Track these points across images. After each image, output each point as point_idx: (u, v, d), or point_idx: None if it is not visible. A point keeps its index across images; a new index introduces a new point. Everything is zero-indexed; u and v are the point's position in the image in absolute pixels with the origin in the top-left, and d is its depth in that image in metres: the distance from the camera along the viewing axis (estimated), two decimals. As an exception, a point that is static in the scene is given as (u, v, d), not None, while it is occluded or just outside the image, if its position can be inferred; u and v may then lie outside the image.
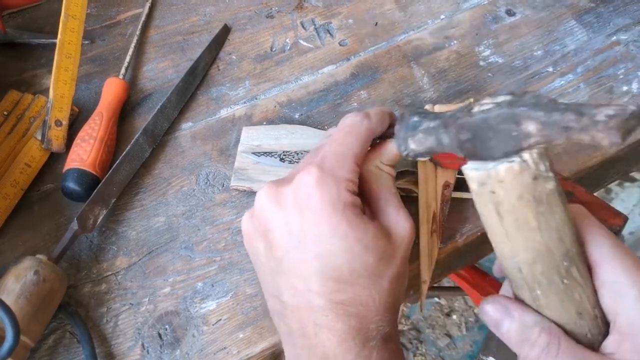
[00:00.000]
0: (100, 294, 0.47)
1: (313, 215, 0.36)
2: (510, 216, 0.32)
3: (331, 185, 0.36)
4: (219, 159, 0.54)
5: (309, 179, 0.36)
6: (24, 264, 0.43)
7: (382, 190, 0.40)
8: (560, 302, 0.34)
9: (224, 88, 0.59)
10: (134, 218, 0.51)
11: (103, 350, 0.45)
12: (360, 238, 0.36)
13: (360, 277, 0.35)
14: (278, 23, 0.64)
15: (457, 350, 1.39)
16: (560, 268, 0.33)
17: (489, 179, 0.32)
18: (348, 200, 0.36)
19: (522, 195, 0.31)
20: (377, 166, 0.40)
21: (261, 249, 0.39)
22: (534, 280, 0.33)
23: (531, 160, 0.31)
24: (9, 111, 0.54)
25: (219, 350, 0.44)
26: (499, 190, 0.31)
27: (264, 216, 0.38)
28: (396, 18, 0.64)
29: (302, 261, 0.36)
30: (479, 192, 0.33)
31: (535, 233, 0.32)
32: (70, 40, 0.54)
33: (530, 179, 0.31)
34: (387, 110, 0.42)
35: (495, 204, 0.32)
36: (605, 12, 0.63)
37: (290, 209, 0.37)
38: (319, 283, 0.35)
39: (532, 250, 0.32)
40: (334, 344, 0.35)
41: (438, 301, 1.46)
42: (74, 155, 0.51)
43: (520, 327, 0.34)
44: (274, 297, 0.39)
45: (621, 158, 0.55)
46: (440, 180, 0.48)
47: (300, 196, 0.36)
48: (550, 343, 0.33)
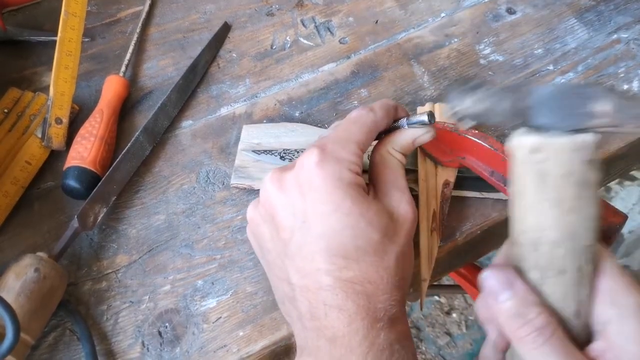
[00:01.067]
0: (100, 292, 0.47)
1: (316, 194, 0.36)
2: (551, 190, 0.32)
3: (333, 165, 0.37)
4: (219, 157, 0.54)
5: (311, 160, 0.37)
6: (25, 262, 0.43)
7: (389, 173, 0.40)
8: (564, 296, 0.33)
9: (224, 86, 0.59)
10: (134, 216, 0.51)
11: (103, 348, 0.45)
12: (364, 214, 0.36)
13: (366, 253, 0.36)
14: (278, 21, 0.64)
15: (457, 348, 1.39)
16: (579, 259, 0.33)
17: (544, 147, 0.31)
18: (351, 178, 0.37)
19: (571, 173, 0.31)
20: (388, 151, 0.41)
21: (267, 234, 0.40)
22: (549, 263, 0.33)
23: (593, 143, 0.31)
24: (9, 109, 0.54)
25: (219, 348, 0.44)
26: (551, 160, 0.31)
27: (268, 201, 0.39)
28: (396, 16, 0.64)
29: (308, 241, 0.36)
30: (526, 158, 0.32)
31: (570, 215, 0.32)
32: (71, 38, 0.54)
33: (584, 160, 0.31)
34: (392, 103, 0.42)
35: (540, 174, 0.32)
36: (606, 11, 0.63)
37: (294, 190, 0.37)
38: (326, 261, 0.36)
39: (560, 229, 0.32)
40: (344, 323, 0.35)
41: (438, 299, 1.46)
42: (75, 153, 0.51)
43: (519, 303, 0.33)
44: (282, 280, 0.39)
45: (621, 157, 0.55)
46: (440, 179, 0.48)
47: (303, 177, 0.37)
48: (546, 327, 0.32)
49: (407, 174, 0.49)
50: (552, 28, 0.62)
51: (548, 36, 0.61)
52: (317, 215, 0.36)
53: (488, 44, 0.61)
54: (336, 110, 0.57)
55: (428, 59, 0.60)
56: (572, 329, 0.34)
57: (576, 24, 0.62)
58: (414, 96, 0.57)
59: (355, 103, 0.57)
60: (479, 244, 0.51)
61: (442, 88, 0.58)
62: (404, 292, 0.39)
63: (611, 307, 0.33)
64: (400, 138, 0.41)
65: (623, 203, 1.42)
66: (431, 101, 0.56)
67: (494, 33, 0.62)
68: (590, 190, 0.32)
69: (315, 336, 0.36)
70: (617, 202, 1.44)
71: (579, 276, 0.33)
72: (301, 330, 0.38)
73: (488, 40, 0.61)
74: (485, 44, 0.61)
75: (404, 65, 0.60)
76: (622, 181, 1.52)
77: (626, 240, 1.42)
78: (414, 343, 1.39)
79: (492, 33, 0.62)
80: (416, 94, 0.58)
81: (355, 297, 0.35)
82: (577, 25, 0.62)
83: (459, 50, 0.61)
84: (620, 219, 0.40)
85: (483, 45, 0.61)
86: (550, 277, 0.33)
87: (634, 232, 1.41)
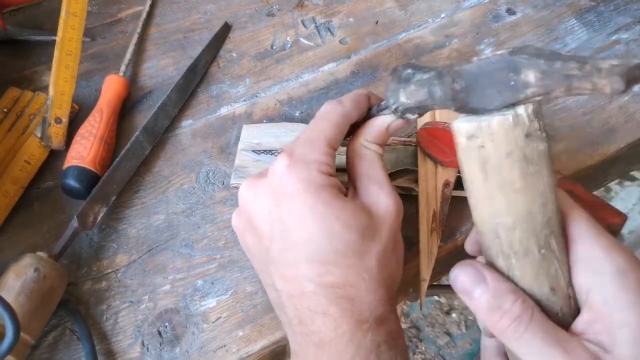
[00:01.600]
0: (100, 292, 0.47)
1: (289, 201, 0.36)
2: (495, 174, 0.31)
3: (302, 169, 0.36)
4: (219, 156, 0.54)
5: (280, 167, 0.36)
6: (24, 262, 0.43)
7: (364, 167, 0.39)
8: (535, 275, 0.32)
9: (224, 86, 0.59)
10: (134, 216, 0.51)
11: (103, 348, 0.45)
12: (338, 216, 0.35)
13: (345, 256, 0.35)
14: (279, 21, 0.64)
15: (457, 348, 1.39)
16: (539, 237, 0.32)
17: (479, 132, 0.30)
18: (321, 180, 0.36)
19: (511, 152, 0.30)
20: (362, 144, 0.39)
21: (250, 242, 0.39)
22: (511, 248, 0.32)
23: (525, 116, 0.29)
24: (8, 108, 0.54)
25: (219, 348, 0.44)
26: (488, 144, 0.30)
27: (246, 209, 0.39)
28: (397, 16, 0.64)
29: (288, 248, 0.36)
30: (466, 146, 0.31)
31: (519, 195, 0.30)
32: (71, 38, 0.54)
33: (522, 135, 0.29)
34: (363, 92, 0.40)
35: (481, 160, 0.31)
36: (605, 11, 0.63)
37: (268, 198, 0.37)
38: (306, 267, 0.35)
39: (513, 213, 0.31)
40: (329, 328, 0.34)
41: (438, 299, 1.46)
42: (74, 152, 0.51)
43: (493, 294, 0.32)
44: (269, 286, 0.39)
45: (621, 157, 0.55)
46: (440, 179, 0.49)
47: (274, 185, 0.37)
48: (523, 313, 0.32)
49: (407, 174, 0.49)
50: (552, 29, 0.62)
51: (548, 37, 0.61)
52: (293, 221, 0.36)
53: (488, 45, 0.61)
54: (336, 110, 0.57)
55: (428, 60, 0.60)
56: (552, 306, 0.33)
57: (576, 25, 0.62)
58: (414, 96, 0.57)
59: (355, 103, 0.57)
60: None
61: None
62: (392, 290, 0.38)
63: (591, 275, 0.32)
64: (372, 128, 0.39)
65: (623, 203, 1.42)
66: (431, 101, 0.56)
67: (494, 33, 0.62)
68: (536, 165, 0.30)
69: (304, 342, 0.36)
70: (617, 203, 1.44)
71: (546, 252, 0.32)
72: (292, 335, 0.38)
73: (488, 41, 0.61)
74: (486, 44, 0.61)
75: (404, 65, 0.60)
76: (622, 181, 1.52)
77: (626, 241, 1.42)
78: (414, 342, 1.39)
79: (492, 33, 0.62)
80: (416, 94, 0.58)
81: (338, 301, 0.35)
82: (577, 25, 0.62)
83: (459, 50, 0.61)
84: (620, 219, 0.40)
85: (483, 46, 0.61)
86: (516, 261, 0.32)
87: (634, 233, 1.41)
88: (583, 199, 0.40)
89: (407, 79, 0.34)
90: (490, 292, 0.32)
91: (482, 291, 0.32)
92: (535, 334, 0.31)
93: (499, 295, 0.32)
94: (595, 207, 0.40)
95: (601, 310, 0.31)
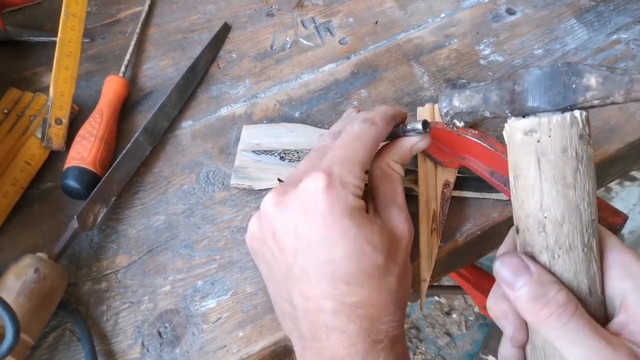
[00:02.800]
0: (100, 292, 0.47)
1: (321, 220, 0.36)
2: (550, 168, 0.33)
3: (340, 191, 0.36)
4: (219, 157, 0.54)
5: (318, 185, 0.36)
6: (24, 262, 0.43)
7: (389, 188, 0.40)
8: (576, 273, 0.33)
9: (224, 86, 0.59)
10: (134, 216, 0.51)
11: (103, 348, 0.45)
12: (368, 238, 0.36)
13: (371, 277, 0.36)
14: (278, 21, 0.64)
15: (457, 349, 1.39)
16: (584, 234, 0.33)
17: (538, 127, 0.32)
18: (355, 204, 0.37)
19: (566, 149, 0.32)
20: (388, 164, 0.41)
21: (269, 253, 0.39)
22: (556, 242, 0.33)
23: (580, 119, 0.32)
24: (9, 109, 0.54)
25: (219, 348, 0.44)
26: (545, 139, 0.32)
27: (270, 221, 0.38)
28: (396, 16, 0.64)
29: (312, 266, 0.36)
30: (523, 141, 0.33)
31: (570, 190, 0.32)
32: (71, 39, 0.54)
33: (577, 135, 0.32)
34: (390, 113, 0.42)
35: (537, 154, 0.33)
36: (605, 11, 0.63)
37: (297, 213, 0.37)
38: (330, 286, 0.35)
39: (563, 206, 0.33)
40: (344, 345, 0.35)
41: (438, 300, 1.46)
42: (74, 153, 0.51)
43: (538, 283, 0.32)
44: (284, 300, 0.39)
45: (621, 157, 0.55)
46: (440, 179, 0.49)
47: (307, 201, 0.37)
48: (569, 302, 0.32)
49: (407, 174, 0.49)
50: (552, 28, 0.62)
51: (548, 37, 0.61)
52: (322, 240, 0.36)
53: (488, 45, 0.61)
54: (336, 110, 0.57)
55: (428, 60, 0.60)
56: (588, 306, 0.34)
57: (576, 25, 0.62)
58: (414, 97, 0.57)
59: (355, 103, 0.57)
60: (479, 245, 0.51)
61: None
62: (404, 311, 0.39)
63: (626, 279, 0.33)
64: (399, 149, 0.41)
65: (623, 203, 1.42)
66: (431, 102, 0.56)
67: (494, 33, 0.62)
68: (586, 166, 0.33)
69: (315, 356, 0.36)
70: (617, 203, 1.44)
71: (588, 251, 0.33)
72: (301, 349, 0.38)
73: (488, 41, 0.61)
74: (485, 44, 0.61)
75: (404, 65, 0.60)
76: (622, 181, 1.52)
77: (626, 241, 1.42)
78: (414, 343, 1.39)
79: (492, 33, 0.62)
80: (416, 94, 0.58)
81: (358, 320, 0.35)
82: (577, 25, 0.62)
83: (458, 50, 0.61)
84: (620, 219, 0.40)
85: (483, 46, 0.61)
86: (560, 256, 0.33)
87: (634, 233, 1.41)
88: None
89: (462, 86, 0.37)
90: (534, 281, 0.33)
91: (524, 282, 0.33)
92: (580, 324, 0.32)
93: (543, 284, 0.33)
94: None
95: (636, 312, 0.32)
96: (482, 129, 0.54)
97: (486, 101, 0.35)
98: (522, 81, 0.33)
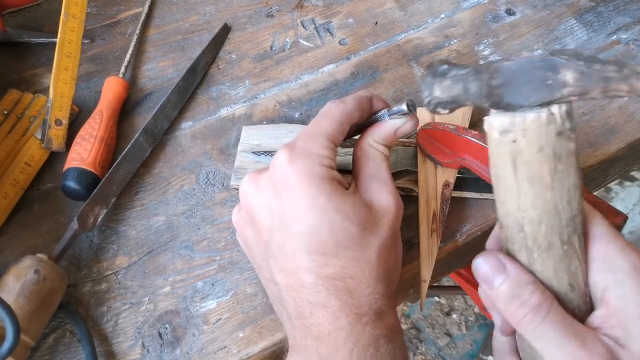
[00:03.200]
0: (100, 293, 0.47)
1: (291, 192, 0.36)
2: (526, 169, 0.32)
3: (304, 161, 0.37)
4: (219, 158, 0.54)
5: (282, 159, 0.37)
6: (24, 263, 0.43)
7: (370, 165, 0.40)
8: (555, 270, 0.33)
9: (224, 87, 0.59)
10: (134, 217, 0.51)
11: (103, 350, 0.45)
12: (339, 208, 0.36)
13: (346, 248, 0.36)
14: (278, 22, 0.64)
15: (457, 349, 1.39)
16: (563, 233, 0.33)
17: (513, 127, 0.31)
18: (323, 173, 0.37)
19: (543, 148, 0.31)
20: (369, 143, 0.41)
21: (250, 236, 0.40)
22: (535, 242, 0.33)
23: (559, 115, 0.31)
24: (9, 110, 0.54)
25: (219, 349, 0.44)
26: (520, 139, 0.31)
27: (246, 203, 0.39)
28: (396, 17, 0.64)
29: (288, 240, 0.36)
30: (499, 140, 0.32)
31: (548, 190, 0.32)
32: (71, 40, 0.54)
33: (554, 133, 0.31)
34: (366, 94, 0.42)
35: (513, 155, 0.32)
36: (605, 11, 0.63)
37: (269, 191, 0.38)
38: (306, 259, 0.36)
39: (540, 208, 0.32)
40: (329, 321, 0.35)
41: (438, 300, 1.46)
42: (74, 154, 0.51)
43: (513, 284, 0.33)
44: (269, 281, 0.39)
45: (620, 157, 0.55)
46: (440, 180, 0.48)
47: (276, 177, 0.37)
48: (542, 304, 0.32)
49: (407, 175, 0.49)
50: (552, 29, 0.62)
51: (547, 37, 0.61)
52: (294, 213, 0.36)
53: (487, 45, 0.61)
54: (336, 111, 0.57)
55: (428, 60, 0.60)
56: (569, 302, 0.34)
57: (575, 25, 0.62)
58: (414, 97, 0.57)
59: (355, 104, 0.57)
60: (479, 245, 0.51)
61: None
62: (391, 286, 0.38)
63: (608, 273, 0.33)
64: (381, 130, 0.41)
65: (623, 204, 1.42)
66: (431, 102, 0.56)
67: (494, 34, 0.62)
68: (565, 163, 0.31)
69: (303, 335, 0.36)
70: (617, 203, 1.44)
71: (568, 248, 0.33)
72: (291, 329, 0.38)
73: (487, 41, 0.61)
74: (485, 44, 0.61)
75: (404, 66, 0.60)
76: (622, 182, 1.52)
77: (626, 241, 1.41)
78: (414, 343, 1.39)
79: (492, 34, 0.62)
80: (416, 95, 0.58)
81: (337, 293, 0.35)
82: (577, 26, 0.62)
83: (458, 51, 0.61)
84: (620, 219, 0.40)
85: (482, 46, 0.61)
86: (539, 255, 0.33)
87: (634, 233, 1.41)
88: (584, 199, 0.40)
89: (442, 74, 0.35)
90: (510, 281, 0.33)
91: (501, 280, 0.33)
92: (553, 325, 0.32)
93: (518, 285, 0.33)
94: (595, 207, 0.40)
95: (616, 306, 0.32)
96: (482, 129, 0.54)
97: (466, 92, 0.33)
98: (498, 75, 0.32)
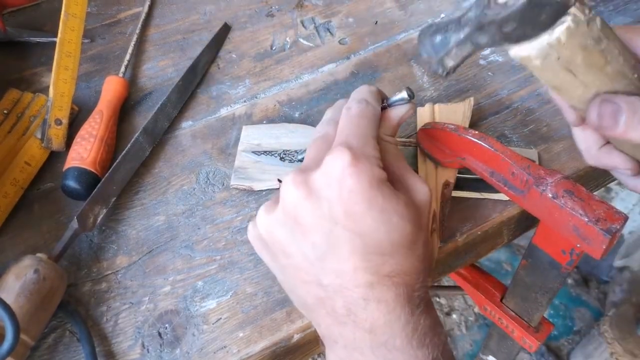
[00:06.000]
0: (100, 293, 0.47)
1: (350, 194, 0.36)
2: (582, 68, 0.34)
3: (366, 164, 0.37)
4: (219, 157, 0.54)
5: (343, 160, 0.36)
6: (24, 263, 0.43)
7: (392, 160, 0.40)
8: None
9: (224, 87, 0.59)
10: (134, 217, 0.51)
11: (103, 349, 0.45)
12: (396, 209, 0.36)
13: (401, 246, 0.36)
14: (278, 22, 0.64)
15: (457, 349, 1.39)
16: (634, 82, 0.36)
17: (550, 49, 0.33)
18: (381, 175, 0.37)
19: (585, 45, 0.34)
20: (382, 138, 0.41)
21: (287, 238, 0.38)
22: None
23: (579, 12, 0.33)
24: (8, 110, 0.54)
25: (219, 349, 0.44)
26: (564, 52, 0.34)
27: (293, 205, 0.38)
28: (396, 17, 0.64)
29: (343, 241, 0.36)
30: (544, 65, 0.34)
31: (607, 66, 0.35)
32: (71, 39, 0.54)
33: (585, 27, 0.33)
34: (375, 89, 0.43)
35: (565, 66, 0.34)
36: (605, 11, 0.63)
37: (323, 192, 0.37)
38: (363, 259, 0.36)
39: (609, 81, 0.35)
40: (383, 313, 0.35)
41: (438, 300, 1.46)
42: (74, 153, 0.51)
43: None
44: (309, 283, 0.38)
45: (621, 157, 0.55)
46: (440, 179, 0.48)
47: (334, 178, 0.36)
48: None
49: (407, 174, 0.49)
50: (552, 29, 0.62)
51: (548, 37, 0.61)
52: (352, 215, 0.36)
53: (488, 45, 0.61)
54: (336, 111, 0.57)
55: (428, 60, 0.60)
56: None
57: (576, 25, 0.62)
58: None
59: (355, 104, 0.57)
60: (479, 245, 0.51)
61: (441, 89, 0.58)
62: (429, 277, 0.39)
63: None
64: (387, 122, 0.42)
65: (623, 204, 1.41)
66: (431, 102, 0.56)
67: (494, 34, 0.62)
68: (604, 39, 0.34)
69: (352, 329, 0.36)
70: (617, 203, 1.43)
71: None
72: (335, 325, 0.37)
73: (488, 41, 0.61)
74: (485, 44, 0.61)
75: (404, 66, 0.60)
76: (622, 182, 1.51)
77: (626, 241, 1.41)
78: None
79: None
80: (416, 94, 0.57)
81: (394, 288, 0.36)
82: (577, 25, 0.62)
83: (458, 50, 0.61)
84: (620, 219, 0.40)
85: (483, 46, 0.61)
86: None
87: (634, 233, 1.41)
88: (583, 199, 0.40)
89: (444, 45, 0.37)
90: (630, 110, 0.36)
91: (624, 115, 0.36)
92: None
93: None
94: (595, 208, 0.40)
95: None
96: (482, 129, 0.54)
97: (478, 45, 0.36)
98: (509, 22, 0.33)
